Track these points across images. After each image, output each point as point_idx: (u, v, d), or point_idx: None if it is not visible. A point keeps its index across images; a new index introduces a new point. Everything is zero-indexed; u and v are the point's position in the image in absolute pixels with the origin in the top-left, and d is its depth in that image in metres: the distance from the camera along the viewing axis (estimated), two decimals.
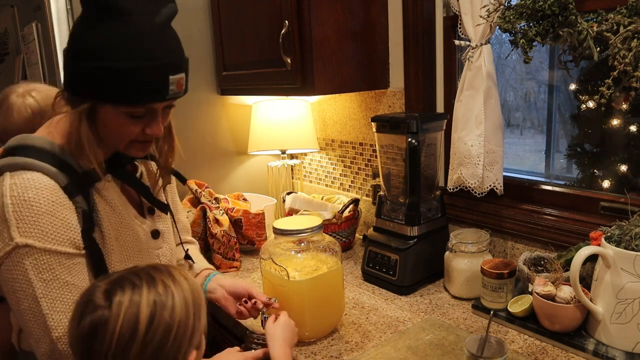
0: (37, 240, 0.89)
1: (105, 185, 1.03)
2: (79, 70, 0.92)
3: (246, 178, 2.26)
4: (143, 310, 0.74)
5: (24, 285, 0.90)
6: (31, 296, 0.90)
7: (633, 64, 1.08)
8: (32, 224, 0.89)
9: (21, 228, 0.88)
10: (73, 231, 0.94)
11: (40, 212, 0.89)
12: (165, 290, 0.78)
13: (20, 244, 0.88)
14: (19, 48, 2.51)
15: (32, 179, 0.90)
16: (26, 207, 0.89)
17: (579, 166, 1.65)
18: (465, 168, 1.47)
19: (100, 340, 0.73)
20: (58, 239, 0.92)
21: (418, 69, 1.69)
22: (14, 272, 0.90)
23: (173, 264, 1.19)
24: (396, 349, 1.18)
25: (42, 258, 0.90)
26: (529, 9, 1.20)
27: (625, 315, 1.07)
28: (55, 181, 0.93)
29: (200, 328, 0.82)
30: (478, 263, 1.37)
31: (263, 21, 1.74)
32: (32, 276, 0.90)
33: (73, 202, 0.95)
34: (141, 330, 0.73)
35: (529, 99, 2.68)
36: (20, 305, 0.91)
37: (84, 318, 0.75)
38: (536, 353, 1.14)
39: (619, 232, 1.11)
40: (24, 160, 0.92)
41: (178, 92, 0.96)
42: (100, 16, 0.89)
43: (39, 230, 0.89)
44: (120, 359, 0.73)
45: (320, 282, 1.23)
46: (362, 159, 2.01)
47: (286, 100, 2.07)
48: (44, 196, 0.90)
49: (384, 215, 1.59)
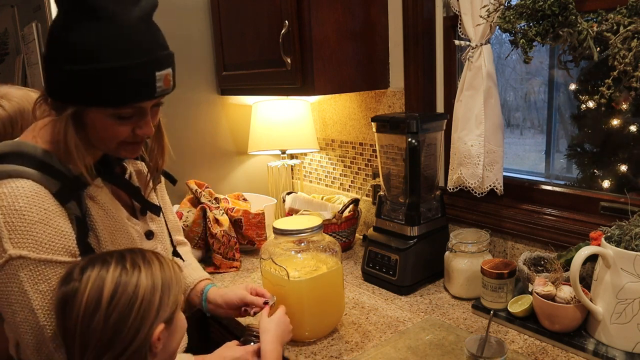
0: (31, 251, 0.86)
1: (96, 189, 0.99)
2: (60, 75, 0.87)
3: (246, 178, 2.26)
4: (107, 284, 0.80)
5: (19, 297, 0.87)
6: (27, 308, 0.87)
7: (633, 64, 1.08)
8: (25, 234, 0.86)
9: (14, 239, 0.85)
10: (67, 239, 0.91)
11: (32, 221, 0.86)
12: (133, 267, 0.83)
13: (14, 255, 0.85)
14: (19, 48, 2.51)
15: (22, 187, 0.87)
16: (18, 217, 0.85)
17: (579, 166, 1.65)
18: (465, 168, 1.47)
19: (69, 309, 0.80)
20: (53, 248, 0.89)
21: (418, 69, 1.69)
22: (9, 285, 0.87)
23: None
24: (396, 349, 1.18)
25: (37, 269, 0.87)
26: (529, 9, 1.20)
27: (625, 315, 1.07)
28: (45, 188, 0.89)
29: (169, 304, 0.85)
30: (478, 263, 1.37)
31: (263, 21, 1.74)
32: (27, 288, 0.87)
33: (65, 208, 0.91)
34: (104, 302, 0.79)
35: (529, 99, 2.68)
36: (16, 317, 0.88)
37: (60, 290, 0.83)
38: (536, 353, 1.14)
39: (619, 232, 1.11)
40: (11, 168, 0.88)
41: (166, 89, 0.92)
42: (76, 17, 0.85)
43: (32, 240, 0.86)
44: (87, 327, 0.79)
45: (320, 282, 1.23)
46: (362, 159, 2.01)
47: (286, 100, 2.07)
48: (35, 204, 0.87)
49: (384, 215, 1.59)
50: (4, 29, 2.81)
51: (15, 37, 2.58)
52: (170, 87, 0.94)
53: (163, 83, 0.91)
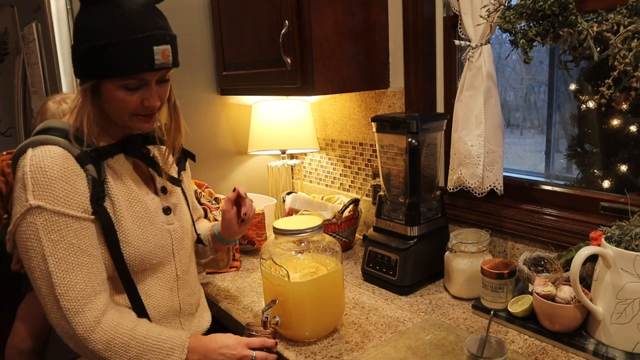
0: (48, 203, 0.98)
1: (116, 161, 1.11)
2: (77, 54, 1.02)
3: (246, 178, 2.26)
4: None
5: (34, 244, 0.99)
6: (40, 254, 0.99)
7: (633, 64, 1.08)
8: (45, 188, 0.99)
9: (36, 192, 0.98)
10: (82, 196, 1.03)
11: (53, 178, 0.99)
12: None
13: (34, 205, 0.98)
14: (19, 48, 2.51)
15: (49, 150, 1.01)
16: (41, 174, 0.99)
17: (579, 166, 1.66)
18: (465, 168, 1.47)
19: None
20: (68, 202, 1.00)
21: (418, 69, 1.69)
22: (27, 232, 0.99)
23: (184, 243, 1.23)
24: (396, 349, 1.18)
25: (51, 219, 0.99)
26: (529, 9, 1.20)
27: (625, 316, 1.07)
28: (68, 152, 1.03)
29: None
30: (478, 263, 1.37)
31: (263, 21, 1.74)
32: (42, 235, 0.98)
33: (84, 170, 1.04)
34: None
35: (529, 99, 2.68)
36: (31, 262, 1.00)
37: None
38: (536, 353, 1.14)
39: (619, 232, 1.11)
40: (44, 137, 1.03)
41: (165, 62, 1.03)
42: (89, 3, 1.01)
43: (50, 194, 0.99)
44: None
45: (320, 283, 1.23)
46: (362, 159, 2.01)
47: (286, 100, 2.07)
48: (57, 164, 1.00)
49: (384, 215, 1.59)
50: (4, 29, 2.82)
51: (15, 37, 2.59)
52: (170, 61, 1.04)
53: (161, 57, 1.02)
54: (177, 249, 1.20)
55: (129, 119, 1.08)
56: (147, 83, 1.04)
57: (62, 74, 1.89)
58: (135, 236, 1.10)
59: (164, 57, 1.02)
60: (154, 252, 1.13)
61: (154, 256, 1.13)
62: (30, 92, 2.40)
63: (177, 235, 1.20)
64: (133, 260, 1.10)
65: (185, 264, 1.23)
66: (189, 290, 1.25)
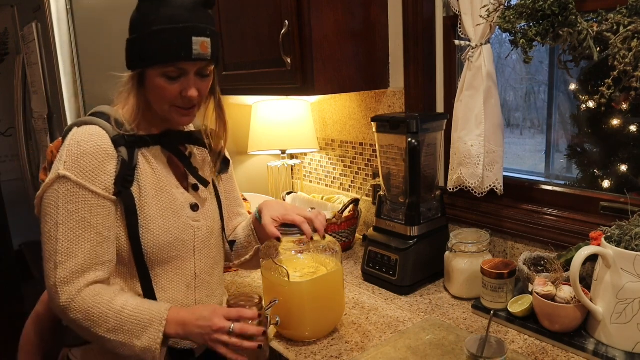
0: (74, 174, 1.03)
1: (152, 150, 1.15)
2: (127, 46, 1.09)
3: (246, 178, 2.26)
4: None
5: (52, 210, 1.04)
6: (54, 220, 1.03)
7: (633, 64, 1.08)
8: (75, 161, 1.04)
9: (67, 163, 1.04)
10: (107, 175, 1.06)
11: (84, 153, 1.04)
12: None
13: (62, 174, 1.03)
14: (19, 48, 2.51)
15: (90, 128, 1.08)
16: (76, 147, 1.05)
17: (579, 166, 1.66)
18: (465, 168, 1.47)
19: None
20: (92, 178, 1.04)
21: (418, 69, 1.69)
22: (50, 198, 1.04)
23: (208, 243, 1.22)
24: (396, 349, 1.18)
25: (73, 190, 1.03)
26: (529, 9, 1.20)
27: (625, 315, 1.07)
28: (106, 132, 1.08)
29: None
30: (478, 263, 1.37)
31: (263, 21, 1.74)
32: (60, 204, 1.03)
33: (117, 151, 1.08)
34: None
35: (529, 99, 2.69)
36: (45, 226, 1.04)
37: None
38: (536, 353, 1.14)
39: (619, 232, 1.11)
40: (89, 118, 1.11)
41: (203, 54, 1.06)
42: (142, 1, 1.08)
43: (78, 167, 1.04)
44: None
45: (320, 283, 1.23)
46: (362, 159, 2.01)
47: (286, 100, 2.07)
48: (92, 140, 1.06)
49: (384, 215, 1.59)
50: (4, 29, 2.82)
51: (15, 37, 2.58)
52: (208, 53, 1.07)
53: (200, 47, 1.05)
54: (199, 247, 1.19)
55: (168, 110, 1.11)
56: (187, 73, 1.07)
57: (62, 74, 1.89)
58: (157, 225, 1.10)
59: (202, 48, 1.05)
60: (173, 245, 1.13)
61: (173, 248, 1.13)
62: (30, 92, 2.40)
63: (201, 233, 1.19)
64: (151, 248, 1.10)
65: (207, 265, 1.22)
66: (209, 291, 1.23)
